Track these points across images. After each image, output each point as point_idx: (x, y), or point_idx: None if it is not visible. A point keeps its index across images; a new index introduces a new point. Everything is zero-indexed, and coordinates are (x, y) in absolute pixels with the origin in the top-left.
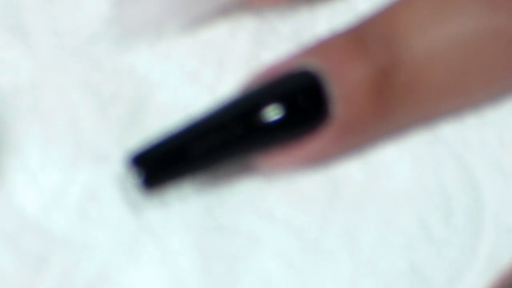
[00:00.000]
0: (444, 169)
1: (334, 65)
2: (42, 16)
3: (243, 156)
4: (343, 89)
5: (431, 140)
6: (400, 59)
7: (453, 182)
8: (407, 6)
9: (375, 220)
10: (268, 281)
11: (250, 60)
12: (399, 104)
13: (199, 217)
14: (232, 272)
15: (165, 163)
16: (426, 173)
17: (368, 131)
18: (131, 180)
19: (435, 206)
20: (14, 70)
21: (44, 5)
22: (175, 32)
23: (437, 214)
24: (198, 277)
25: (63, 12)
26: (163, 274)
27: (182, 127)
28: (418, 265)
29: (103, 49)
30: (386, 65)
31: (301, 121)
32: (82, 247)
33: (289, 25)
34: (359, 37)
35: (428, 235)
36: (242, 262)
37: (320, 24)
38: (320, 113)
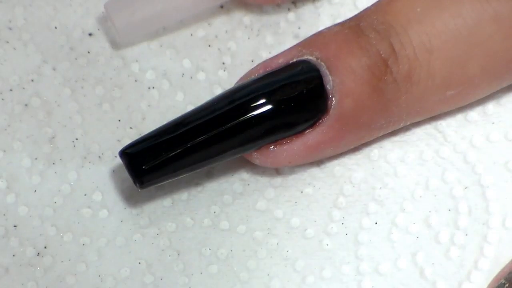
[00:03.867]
0: (449, 168)
1: (332, 55)
2: (37, 13)
3: (240, 148)
4: (341, 78)
5: (436, 139)
6: (400, 48)
7: (459, 181)
8: None
9: (380, 221)
10: (268, 281)
11: (250, 59)
12: (399, 94)
13: (197, 216)
14: (231, 272)
15: (156, 155)
16: (431, 173)
17: (368, 122)
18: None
19: (440, 205)
20: (7, 66)
21: (38, 1)
22: (174, 31)
23: (443, 214)
24: (197, 276)
25: (58, 8)
26: (160, 272)
27: (175, 119)
28: (425, 266)
29: (99, 46)
30: (385, 54)
31: (299, 111)
32: (76, 246)
33: (291, 23)
34: (357, 26)
35: (434, 236)
36: (241, 261)
37: (323, 23)
38: (319, 103)
